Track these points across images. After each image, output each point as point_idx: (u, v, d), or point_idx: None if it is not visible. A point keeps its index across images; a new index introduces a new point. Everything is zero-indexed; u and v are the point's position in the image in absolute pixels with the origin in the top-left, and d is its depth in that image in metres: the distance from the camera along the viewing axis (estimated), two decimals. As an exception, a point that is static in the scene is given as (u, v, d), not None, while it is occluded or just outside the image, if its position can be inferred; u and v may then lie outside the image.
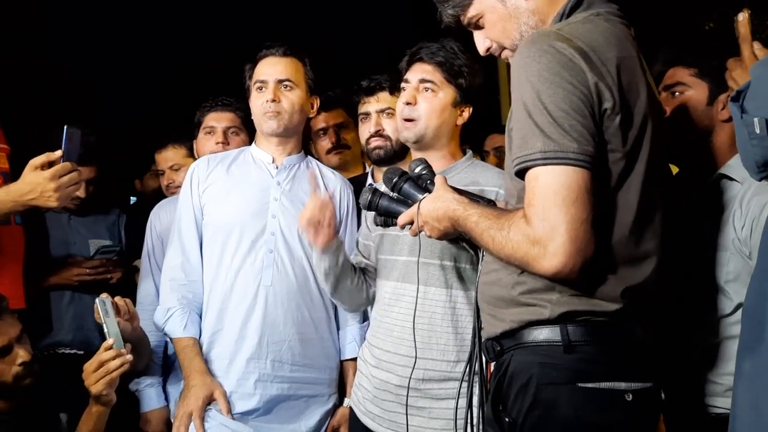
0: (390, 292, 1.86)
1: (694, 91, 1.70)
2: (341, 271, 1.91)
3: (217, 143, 2.50)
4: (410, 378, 1.72)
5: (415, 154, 1.89)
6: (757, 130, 1.10)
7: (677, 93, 1.72)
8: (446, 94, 1.84)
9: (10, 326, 1.83)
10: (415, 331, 1.69)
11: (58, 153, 1.80)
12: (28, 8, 4.04)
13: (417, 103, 1.83)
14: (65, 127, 1.81)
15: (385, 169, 1.67)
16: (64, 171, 1.80)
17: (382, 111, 2.21)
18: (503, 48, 1.48)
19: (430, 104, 1.83)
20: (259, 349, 2.02)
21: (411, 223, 1.51)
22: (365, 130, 2.25)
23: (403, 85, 1.89)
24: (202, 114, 2.59)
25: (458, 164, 1.88)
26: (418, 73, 1.85)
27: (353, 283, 1.97)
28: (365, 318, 2.19)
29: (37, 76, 4.07)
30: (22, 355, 1.82)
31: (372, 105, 2.23)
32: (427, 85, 1.83)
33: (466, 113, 1.87)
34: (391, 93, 2.17)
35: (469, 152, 1.93)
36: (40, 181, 1.78)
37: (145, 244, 2.47)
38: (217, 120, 2.54)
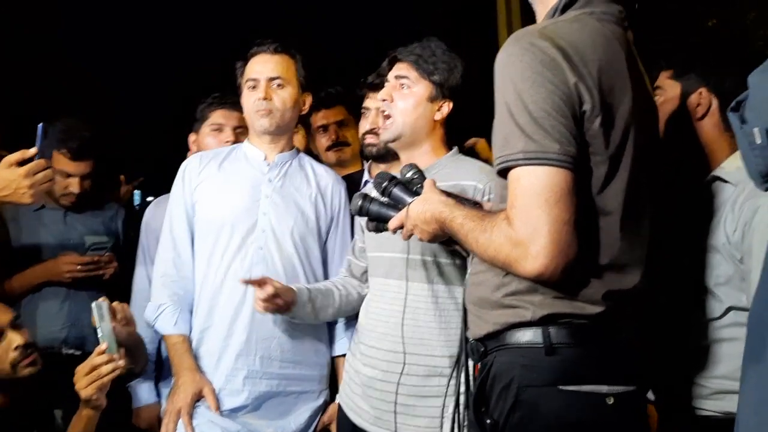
0: (375, 288, 1.87)
1: (669, 92, 1.71)
2: (314, 308, 1.97)
3: (227, 142, 2.41)
4: (401, 374, 1.72)
5: (401, 155, 1.91)
6: (758, 140, 1.06)
7: (657, 96, 1.72)
8: (421, 89, 1.85)
9: (1, 313, 1.82)
10: (404, 328, 1.70)
11: (33, 150, 1.82)
12: (24, 3, 4.05)
13: (393, 100, 1.86)
14: (40, 124, 1.82)
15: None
16: (39, 168, 1.81)
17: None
18: None
19: (404, 100, 1.85)
20: (247, 346, 2.02)
21: (402, 227, 1.52)
22: (363, 124, 2.30)
23: (385, 84, 1.92)
24: (208, 109, 2.49)
25: (441, 161, 1.88)
26: (395, 71, 1.89)
27: (336, 303, 2.01)
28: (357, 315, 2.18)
29: (36, 74, 4.08)
30: (16, 339, 1.81)
31: (373, 101, 2.24)
32: (402, 81, 1.87)
33: (446, 108, 1.87)
34: None
35: (455, 148, 1.93)
36: (14, 178, 1.79)
37: (140, 241, 2.46)
38: (226, 118, 2.46)
